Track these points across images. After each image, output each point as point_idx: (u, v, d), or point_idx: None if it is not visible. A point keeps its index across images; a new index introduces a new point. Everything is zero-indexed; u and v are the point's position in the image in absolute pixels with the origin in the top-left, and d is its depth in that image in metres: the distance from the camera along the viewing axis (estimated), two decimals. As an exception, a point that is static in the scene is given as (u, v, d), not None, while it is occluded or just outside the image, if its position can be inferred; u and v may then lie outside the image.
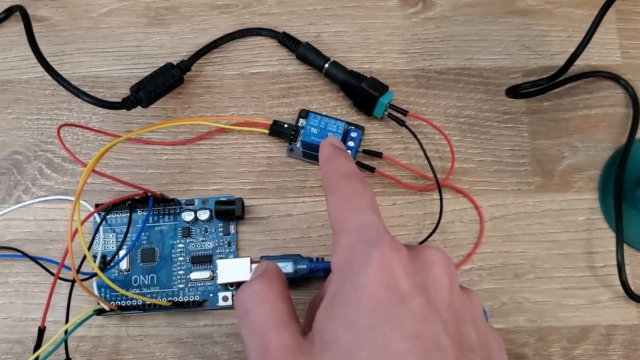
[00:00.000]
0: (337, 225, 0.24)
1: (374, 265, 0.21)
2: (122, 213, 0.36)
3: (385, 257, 0.21)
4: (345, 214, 0.24)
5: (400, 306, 0.20)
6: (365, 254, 0.22)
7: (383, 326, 0.20)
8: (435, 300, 0.22)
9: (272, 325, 0.23)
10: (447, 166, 0.37)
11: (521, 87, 0.37)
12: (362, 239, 0.22)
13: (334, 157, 0.27)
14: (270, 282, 0.24)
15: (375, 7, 0.40)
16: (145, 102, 0.36)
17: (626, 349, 0.34)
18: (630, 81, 0.38)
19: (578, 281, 0.35)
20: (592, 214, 0.36)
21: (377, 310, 0.20)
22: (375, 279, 0.21)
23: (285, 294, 0.24)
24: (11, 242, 0.36)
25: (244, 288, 0.24)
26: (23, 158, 0.37)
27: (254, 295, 0.24)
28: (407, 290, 0.21)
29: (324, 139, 0.28)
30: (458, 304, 0.23)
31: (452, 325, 0.21)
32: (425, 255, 0.23)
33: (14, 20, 0.40)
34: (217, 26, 0.40)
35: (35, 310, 0.34)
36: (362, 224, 0.23)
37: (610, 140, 0.37)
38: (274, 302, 0.24)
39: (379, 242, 0.22)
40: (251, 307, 0.23)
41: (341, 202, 0.24)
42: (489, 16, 0.40)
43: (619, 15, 0.40)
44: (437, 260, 0.23)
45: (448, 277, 0.23)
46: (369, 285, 0.21)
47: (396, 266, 0.21)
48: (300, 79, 0.39)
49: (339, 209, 0.24)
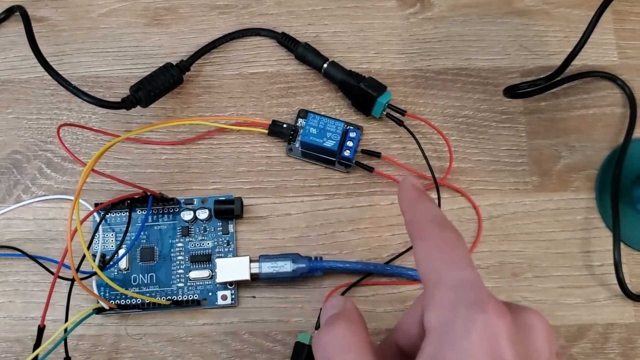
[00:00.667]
0: (432, 278, 0.23)
1: (478, 331, 0.20)
2: (121, 212, 0.36)
3: (491, 324, 0.20)
4: (442, 267, 0.22)
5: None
6: (468, 318, 0.20)
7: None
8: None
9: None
10: (445, 166, 0.37)
11: (519, 87, 0.37)
12: (464, 299, 0.21)
13: (419, 201, 0.25)
14: (353, 326, 0.23)
15: (374, 8, 0.40)
16: (144, 102, 0.36)
17: (623, 347, 0.34)
18: (627, 81, 0.38)
19: (575, 280, 0.35)
20: (589, 213, 0.36)
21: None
22: (480, 347, 0.20)
23: (369, 341, 0.23)
24: (11, 242, 0.36)
25: (325, 332, 0.23)
26: (23, 157, 0.37)
27: (337, 341, 0.23)
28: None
29: (404, 179, 0.26)
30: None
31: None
32: (527, 320, 0.22)
33: (14, 21, 0.40)
34: (216, 26, 0.40)
35: (34, 309, 0.35)
36: (462, 280, 0.22)
37: (607, 140, 0.38)
38: (358, 350, 0.22)
39: (484, 306, 0.21)
40: (334, 355, 0.22)
41: (434, 252, 0.23)
42: (487, 16, 0.40)
43: (616, 16, 0.40)
44: (539, 327, 0.22)
45: (549, 345, 0.22)
46: (473, 353, 0.20)
47: (501, 334, 0.20)
48: (299, 79, 0.39)
49: (432, 260, 0.23)
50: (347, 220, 0.36)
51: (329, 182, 0.37)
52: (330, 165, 0.37)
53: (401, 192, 0.26)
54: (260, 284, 0.35)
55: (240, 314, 0.35)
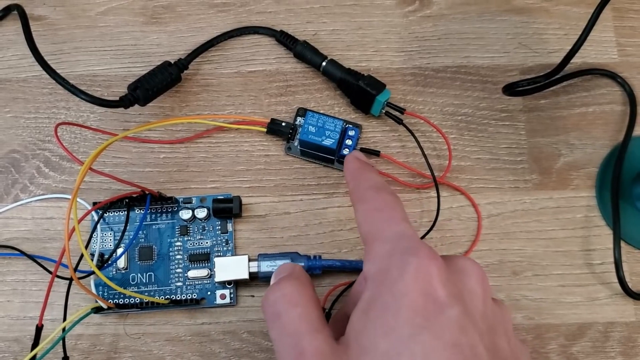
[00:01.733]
0: (370, 234, 0.24)
1: (411, 273, 0.21)
2: (119, 211, 0.36)
3: (423, 266, 0.21)
4: (379, 223, 0.24)
5: (439, 315, 0.21)
6: (402, 262, 0.22)
7: (422, 334, 0.20)
8: (471, 310, 0.22)
9: (306, 329, 0.22)
10: (444, 164, 0.37)
11: (518, 85, 0.37)
12: (399, 248, 0.22)
13: (362, 170, 0.27)
14: (300, 284, 0.24)
15: (373, 6, 0.40)
16: (142, 101, 0.36)
17: (624, 346, 0.34)
18: (627, 79, 0.38)
19: (575, 278, 0.35)
20: (589, 211, 0.36)
21: (416, 318, 0.20)
22: (414, 287, 0.21)
23: (315, 298, 0.24)
24: (9, 241, 0.36)
25: (274, 289, 0.24)
26: (21, 157, 0.37)
27: (285, 297, 0.23)
28: (444, 299, 0.21)
29: (349, 154, 0.28)
30: (491, 315, 0.23)
31: (486, 335, 0.22)
32: (460, 265, 0.23)
33: (11, 19, 0.40)
34: (214, 25, 0.40)
35: (32, 309, 0.34)
36: (397, 233, 0.23)
37: (607, 137, 0.37)
38: (306, 305, 0.23)
39: (416, 251, 0.22)
40: (282, 310, 0.23)
41: (373, 213, 0.25)
42: (486, 14, 0.40)
43: (616, 13, 0.40)
44: (471, 271, 0.23)
45: (482, 287, 0.23)
46: (407, 293, 0.21)
47: (434, 275, 0.21)
48: (297, 77, 0.39)
49: (371, 219, 0.24)
50: (346, 219, 0.36)
51: (328, 181, 0.37)
52: (329, 164, 0.37)
53: (346, 164, 0.28)
54: (259, 283, 0.35)
55: (239, 313, 0.34)
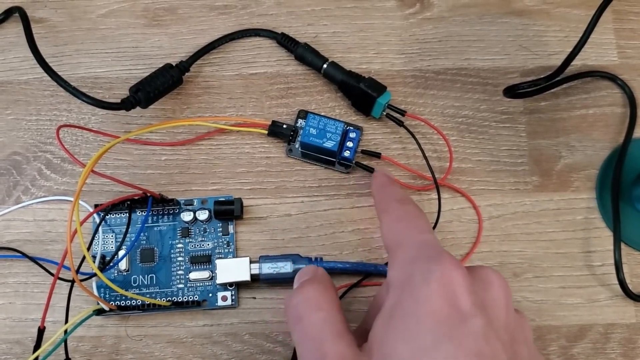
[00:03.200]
0: (394, 243, 0.24)
1: (435, 281, 0.21)
2: (121, 213, 0.36)
3: (447, 274, 0.21)
4: (403, 233, 0.24)
5: (462, 324, 0.21)
6: (426, 270, 0.22)
7: (445, 343, 0.20)
8: (493, 320, 0.22)
9: (329, 334, 0.22)
10: (445, 166, 0.37)
11: (519, 87, 0.37)
12: (422, 256, 0.23)
13: (387, 185, 0.29)
14: (323, 288, 0.24)
15: (373, 8, 0.40)
16: (144, 103, 0.36)
17: (624, 348, 0.34)
18: (627, 81, 0.38)
19: (576, 280, 0.35)
20: (589, 213, 0.36)
21: (439, 326, 0.20)
22: (437, 295, 0.21)
23: (338, 302, 0.24)
24: (11, 243, 0.36)
25: (297, 293, 0.24)
26: (22, 159, 0.37)
27: (308, 301, 0.23)
28: (468, 308, 0.21)
29: (377, 171, 0.30)
30: (512, 325, 0.23)
31: (508, 345, 0.22)
32: (482, 274, 0.23)
33: (13, 22, 0.40)
34: (215, 27, 0.40)
35: (34, 311, 0.35)
36: (421, 242, 0.24)
37: (607, 139, 0.38)
38: (329, 309, 0.23)
39: (440, 259, 0.22)
40: (305, 313, 0.23)
41: (397, 223, 0.25)
42: (487, 16, 0.40)
43: (616, 16, 0.40)
44: (494, 280, 0.23)
45: (505, 297, 0.23)
46: (431, 301, 0.21)
47: (457, 283, 0.21)
48: (298, 79, 0.39)
49: (395, 228, 0.25)
50: (348, 221, 0.36)
51: (329, 183, 0.37)
52: (330, 166, 0.37)
53: (373, 179, 0.30)
54: (260, 285, 0.35)
55: (241, 315, 0.34)
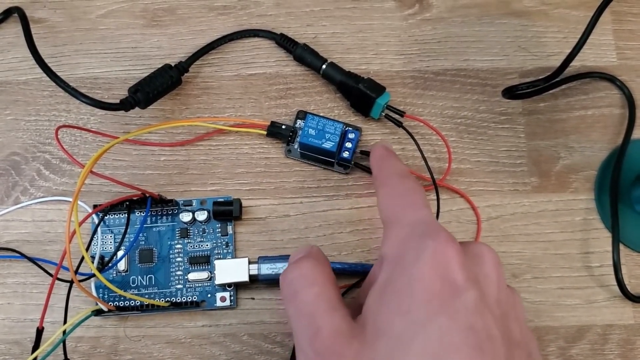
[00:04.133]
0: (390, 219, 0.24)
1: (428, 256, 0.21)
2: (120, 214, 0.36)
3: (440, 249, 0.22)
4: (399, 208, 0.24)
5: (455, 298, 0.21)
6: (420, 245, 0.22)
7: (438, 317, 0.20)
8: (486, 294, 0.22)
9: (324, 308, 0.22)
10: (444, 167, 0.37)
11: (518, 88, 0.37)
12: (417, 232, 0.23)
13: (387, 157, 0.28)
14: (318, 264, 0.24)
15: (372, 9, 0.40)
16: (143, 104, 0.36)
17: (622, 349, 0.34)
18: (626, 82, 0.38)
19: (574, 281, 0.35)
20: (588, 214, 0.36)
21: (432, 301, 0.21)
22: (430, 270, 0.21)
23: (333, 278, 0.24)
24: (9, 243, 0.36)
25: (292, 268, 0.24)
26: (21, 159, 0.37)
27: (303, 276, 0.24)
28: (461, 283, 0.21)
29: (376, 143, 0.29)
30: (505, 301, 0.23)
31: (500, 320, 0.22)
32: (475, 250, 0.24)
33: (12, 22, 0.40)
34: (214, 27, 0.40)
35: (33, 311, 0.34)
36: (416, 218, 0.23)
37: (606, 140, 0.38)
38: (323, 284, 0.23)
39: (434, 235, 0.22)
40: (300, 288, 0.23)
41: (395, 198, 0.25)
42: (486, 17, 0.40)
43: (615, 17, 0.40)
44: (487, 256, 0.23)
45: (497, 273, 0.23)
46: (424, 275, 0.21)
47: (450, 258, 0.21)
48: (297, 80, 0.39)
49: (392, 203, 0.25)
50: (346, 222, 0.36)
51: (328, 184, 0.37)
52: (329, 167, 0.37)
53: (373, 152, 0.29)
54: (259, 286, 0.35)
55: (239, 316, 0.35)
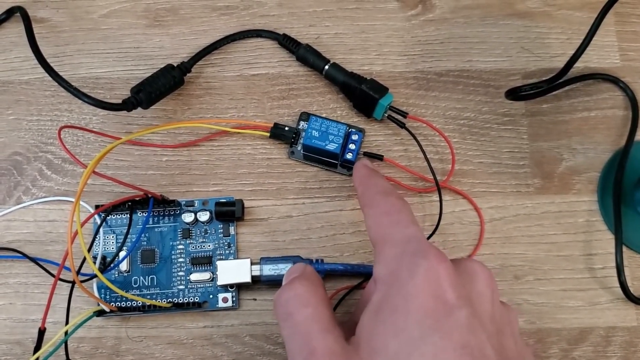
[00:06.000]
0: (379, 238, 0.24)
1: (421, 275, 0.22)
2: (122, 214, 0.36)
3: (432, 268, 0.22)
4: (387, 227, 0.24)
5: (448, 316, 0.21)
6: (412, 264, 0.22)
7: (432, 336, 0.20)
8: (479, 311, 0.22)
9: (317, 329, 0.23)
10: (446, 168, 0.37)
11: (521, 90, 0.37)
12: (408, 250, 0.23)
13: (370, 176, 0.28)
14: (312, 285, 0.24)
15: (375, 9, 0.40)
16: (145, 104, 0.36)
17: (625, 351, 0.34)
18: (629, 83, 0.38)
19: (577, 283, 0.35)
20: (591, 216, 0.36)
21: (425, 319, 0.21)
22: (423, 289, 0.21)
23: (326, 299, 0.24)
24: (11, 243, 0.36)
25: (286, 290, 0.24)
26: (23, 159, 0.37)
27: (297, 297, 0.24)
28: (454, 301, 0.21)
29: (358, 161, 0.29)
30: (499, 317, 0.23)
31: (494, 337, 0.22)
32: (468, 267, 0.24)
33: (14, 21, 0.40)
34: (217, 28, 0.40)
35: (35, 312, 0.34)
36: (406, 236, 0.24)
37: (609, 142, 0.38)
38: (317, 305, 0.24)
39: (425, 254, 0.22)
40: (294, 310, 0.23)
41: (382, 217, 0.25)
42: (489, 18, 0.40)
43: (618, 18, 0.40)
44: (479, 273, 0.24)
45: (490, 290, 0.23)
46: (417, 295, 0.21)
47: (443, 277, 0.22)
48: (300, 80, 0.39)
49: (380, 222, 0.25)
50: (349, 223, 0.36)
51: (330, 184, 0.37)
52: (333, 168, 0.37)
53: (355, 171, 0.29)
54: (261, 287, 0.35)
55: (241, 317, 0.34)
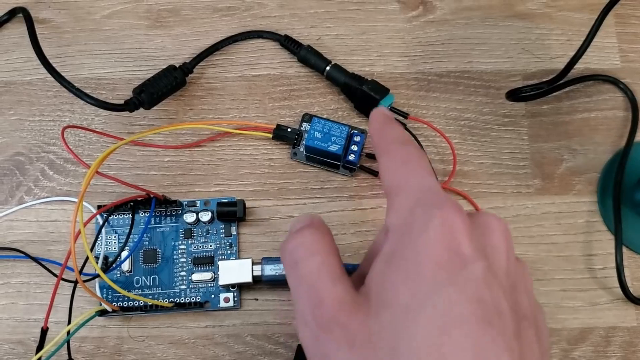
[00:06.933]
0: (394, 187, 0.23)
1: (436, 226, 0.21)
2: (124, 214, 0.36)
3: (448, 219, 0.21)
4: (403, 176, 0.23)
5: (463, 269, 0.20)
6: (426, 215, 0.21)
7: (446, 288, 0.19)
8: (494, 265, 0.21)
9: (326, 278, 0.22)
10: (447, 168, 0.37)
11: (521, 91, 0.37)
12: (423, 201, 0.22)
13: (387, 124, 0.26)
14: (320, 234, 0.23)
15: (376, 11, 0.40)
16: (147, 104, 0.36)
17: (625, 351, 0.34)
18: (629, 85, 0.38)
19: (577, 283, 0.35)
20: (591, 216, 0.36)
21: (439, 271, 0.20)
22: (437, 240, 0.20)
23: (335, 248, 0.23)
24: (13, 243, 0.36)
25: (293, 237, 0.23)
26: (25, 159, 0.37)
27: (304, 245, 0.23)
28: (469, 254, 0.20)
29: (375, 109, 0.28)
30: (513, 272, 0.22)
31: (509, 292, 0.21)
32: (484, 220, 0.23)
33: (16, 22, 0.40)
34: (218, 29, 0.40)
35: (37, 311, 0.35)
36: (422, 186, 0.23)
37: (609, 143, 0.38)
38: (325, 254, 0.23)
39: (441, 204, 0.21)
40: (301, 258, 0.22)
41: (398, 166, 0.24)
42: (490, 20, 0.40)
43: (618, 19, 0.40)
44: (495, 226, 0.22)
45: (506, 244, 0.22)
46: (431, 245, 0.20)
47: (458, 228, 0.21)
48: (301, 81, 0.39)
49: (396, 171, 0.24)
50: (350, 223, 0.36)
51: (332, 185, 0.37)
52: (334, 169, 0.37)
53: (372, 118, 0.27)
54: (262, 287, 0.35)
55: (243, 317, 0.35)
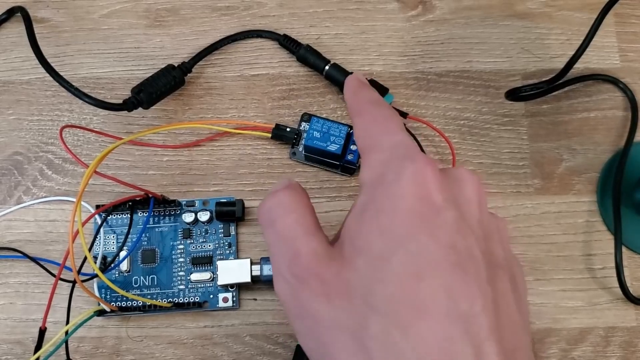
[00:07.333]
0: (367, 145, 0.24)
1: (408, 177, 0.21)
2: (122, 214, 0.36)
3: (419, 170, 0.21)
4: (376, 134, 0.24)
5: (435, 217, 0.21)
6: (399, 167, 0.22)
7: (418, 235, 0.20)
8: (466, 215, 0.22)
9: (301, 233, 0.23)
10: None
11: (521, 90, 0.37)
12: (395, 155, 0.23)
13: (361, 87, 0.27)
14: (296, 193, 0.24)
15: (376, 10, 0.40)
16: (146, 104, 0.36)
17: (624, 351, 0.34)
18: (629, 84, 0.38)
19: (577, 283, 0.35)
20: (590, 216, 0.36)
21: (412, 219, 0.21)
22: (409, 191, 0.21)
23: (310, 206, 0.24)
24: (12, 243, 0.36)
25: (270, 198, 0.24)
26: (24, 159, 0.37)
27: (280, 204, 0.24)
28: (440, 203, 0.21)
29: (350, 75, 0.29)
30: (487, 223, 0.23)
31: (482, 240, 0.22)
32: (456, 173, 0.23)
33: (15, 22, 0.40)
34: (217, 28, 0.40)
35: (35, 311, 0.34)
36: (394, 142, 0.23)
37: (608, 143, 0.38)
38: (301, 211, 0.23)
39: (413, 157, 0.22)
40: (278, 216, 0.23)
41: (371, 124, 0.25)
42: (489, 19, 0.40)
43: (618, 19, 0.40)
44: (467, 179, 0.23)
45: (478, 195, 0.23)
46: (403, 196, 0.21)
47: (430, 179, 0.21)
48: (300, 81, 0.39)
49: (368, 130, 0.25)
50: (349, 223, 0.36)
51: (331, 185, 0.37)
52: (333, 169, 0.37)
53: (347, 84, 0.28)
54: (261, 287, 0.35)
55: (242, 317, 0.35)
